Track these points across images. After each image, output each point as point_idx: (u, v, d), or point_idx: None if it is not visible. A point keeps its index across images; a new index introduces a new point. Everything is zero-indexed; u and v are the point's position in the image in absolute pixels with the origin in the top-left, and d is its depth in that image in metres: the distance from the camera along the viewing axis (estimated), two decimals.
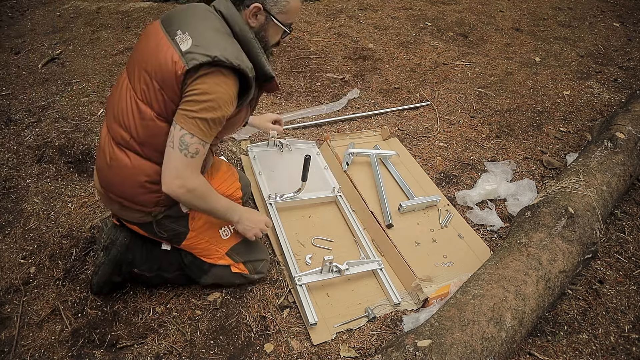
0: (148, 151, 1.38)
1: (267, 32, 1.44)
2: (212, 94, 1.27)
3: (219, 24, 1.35)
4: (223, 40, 1.30)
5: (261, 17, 1.40)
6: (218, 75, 1.27)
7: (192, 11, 1.40)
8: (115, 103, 1.43)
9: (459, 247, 1.95)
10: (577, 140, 2.67)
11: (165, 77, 1.28)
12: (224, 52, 1.26)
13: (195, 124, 1.29)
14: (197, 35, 1.29)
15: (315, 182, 2.16)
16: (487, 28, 4.13)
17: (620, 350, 1.58)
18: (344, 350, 1.53)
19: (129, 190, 1.42)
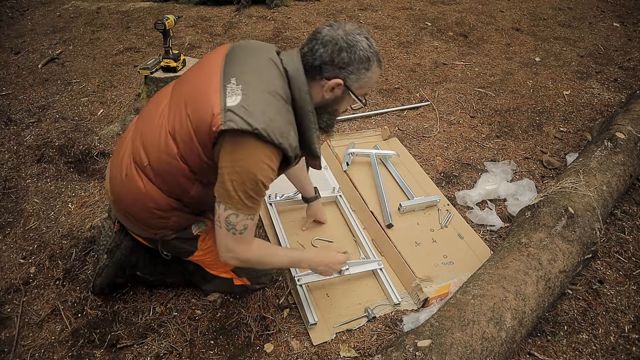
0: (161, 183, 1.31)
1: (340, 105, 1.32)
2: (250, 166, 1.16)
3: (280, 84, 1.22)
4: (274, 109, 1.17)
5: (338, 90, 1.27)
6: (257, 145, 1.15)
7: (258, 59, 1.26)
8: (148, 120, 1.33)
9: (459, 247, 1.95)
10: (577, 140, 2.67)
11: (200, 125, 1.18)
12: (269, 125, 1.14)
13: (239, 201, 1.19)
14: (249, 94, 1.16)
15: (315, 182, 2.15)
16: (487, 28, 4.13)
17: (620, 350, 1.58)
18: (344, 350, 1.53)
19: (137, 211, 1.37)
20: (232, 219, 1.23)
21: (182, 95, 1.27)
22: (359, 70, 1.24)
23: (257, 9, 4.30)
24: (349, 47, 1.22)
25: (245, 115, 1.12)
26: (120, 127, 2.55)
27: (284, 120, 1.20)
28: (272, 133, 1.14)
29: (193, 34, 3.75)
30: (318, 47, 1.23)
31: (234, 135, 1.14)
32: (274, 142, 1.15)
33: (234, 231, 1.24)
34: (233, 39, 3.68)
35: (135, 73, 3.13)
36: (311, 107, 1.25)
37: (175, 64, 2.43)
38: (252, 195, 1.20)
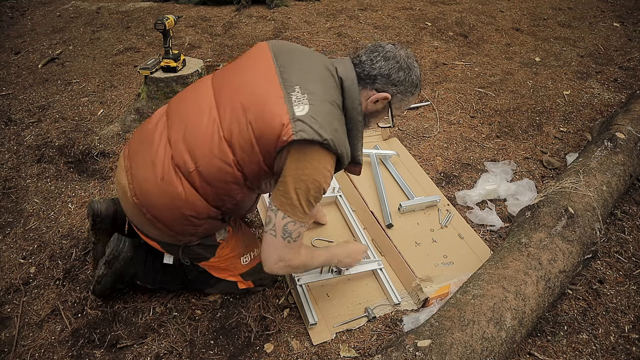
0: (207, 189, 1.27)
1: (375, 118, 1.38)
2: (316, 175, 1.19)
3: (336, 94, 1.26)
4: (337, 120, 1.22)
5: (380, 105, 1.33)
6: (323, 154, 1.19)
7: (315, 67, 1.27)
8: (190, 121, 1.27)
9: (459, 247, 1.95)
10: (577, 140, 2.67)
11: (266, 133, 1.17)
12: (335, 135, 1.18)
13: (300, 209, 1.21)
14: (315, 104, 1.18)
15: None
16: (487, 28, 4.13)
17: (620, 350, 1.58)
18: (344, 350, 1.53)
19: (170, 217, 1.31)
20: (290, 226, 1.23)
21: (237, 98, 1.23)
22: (406, 91, 1.32)
23: (257, 9, 4.30)
24: (407, 68, 1.30)
25: (316, 125, 1.15)
26: (120, 127, 2.55)
27: (343, 130, 1.24)
28: (337, 143, 1.18)
29: (193, 34, 3.75)
30: (379, 59, 1.29)
31: (302, 144, 1.16)
32: (337, 151, 1.19)
33: (290, 239, 1.25)
34: (233, 39, 3.68)
35: (135, 73, 3.13)
36: (361, 117, 1.29)
37: (175, 64, 2.43)
38: (313, 202, 1.23)
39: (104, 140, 2.47)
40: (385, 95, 1.30)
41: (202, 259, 1.52)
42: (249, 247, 1.59)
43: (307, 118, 1.14)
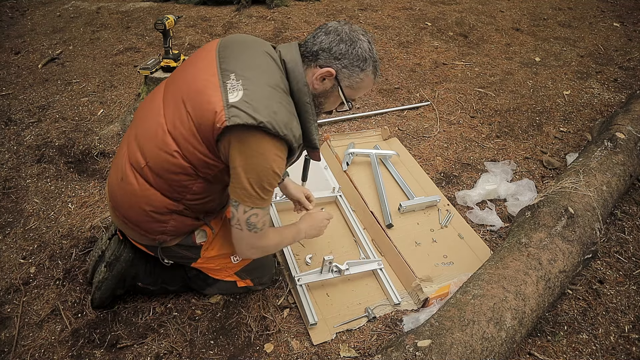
0: (160, 183, 1.29)
1: (326, 99, 1.32)
2: (264, 161, 1.18)
3: (279, 77, 1.23)
4: (277, 102, 1.18)
5: (328, 83, 1.27)
6: (265, 138, 1.16)
7: (254, 53, 1.26)
8: (142, 121, 1.33)
9: (459, 247, 1.95)
10: (577, 140, 2.67)
11: (202, 122, 1.18)
12: (273, 117, 1.14)
13: (257, 197, 1.22)
14: (250, 89, 1.16)
15: (315, 182, 2.16)
16: (487, 28, 4.13)
17: (620, 350, 1.58)
18: (344, 350, 1.53)
19: (134, 215, 1.36)
20: (253, 219, 1.26)
21: (179, 93, 1.26)
22: (352, 66, 1.25)
23: (257, 9, 4.30)
24: (350, 40, 1.24)
25: (249, 109, 1.12)
26: (120, 127, 2.55)
27: (287, 112, 1.20)
28: (277, 125, 1.14)
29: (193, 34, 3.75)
30: (321, 34, 1.25)
31: (240, 131, 1.14)
32: (279, 134, 1.15)
33: (256, 230, 1.28)
34: None
35: (135, 73, 3.13)
36: (309, 98, 1.25)
37: (175, 64, 2.43)
38: (268, 188, 1.22)
39: (104, 140, 2.47)
40: (328, 70, 1.24)
41: (190, 260, 1.52)
42: None
43: (241, 103, 1.13)
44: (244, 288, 1.65)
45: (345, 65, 1.24)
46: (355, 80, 1.28)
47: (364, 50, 1.25)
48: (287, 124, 1.18)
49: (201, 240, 1.47)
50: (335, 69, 1.25)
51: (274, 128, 1.14)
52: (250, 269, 1.61)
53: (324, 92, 1.30)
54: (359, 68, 1.26)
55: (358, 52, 1.24)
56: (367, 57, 1.26)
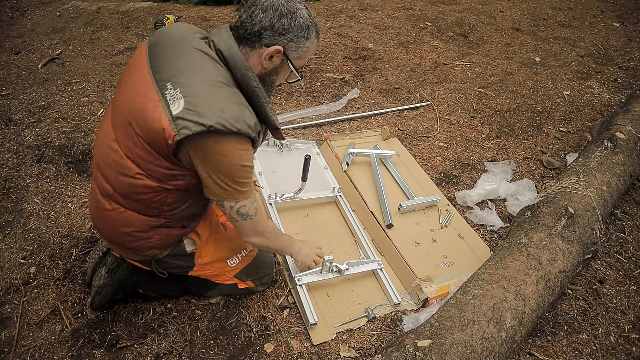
0: (133, 205, 1.28)
1: (277, 75, 1.28)
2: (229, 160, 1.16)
3: (216, 71, 1.17)
4: (220, 99, 1.13)
5: (277, 60, 1.23)
6: (221, 139, 1.13)
7: (185, 54, 1.19)
8: (98, 148, 1.30)
9: (459, 247, 1.95)
10: (577, 140, 2.67)
11: (154, 141, 1.14)
12: (221, 116, 1.09)
13: (237, 192, 1.23)
14: (190, 94, 1.11)
15: (315, 182, 2.16)
16: (487, 28, 4.13)
17: (620, 350, 1.58)
18: (344, 350, 1.53)
19: (117, 238, 1.36)
20: (243, 210, 1.28)
21: (123, 114, 1.21)
22: (298, 38, 1.22)
23: None
24: (289, 13, 1.19)
25: (195, 116, 1.09)
26: None
27: (235, 104, 1.15)
28: (227, 123, 1.10)
29: None
30: (257, 12, 1.18)
31: (193, 140, 1.11)
32: (232, 131, 1.11)
33: (251, 217, 1.31)
34: None
35: None
36: (256, 82, 1.20)
37: None
38: (243, 180, 1.23)
39: None
40: (276, 49, 1.20)
41: (185, 269, 1.50)
42: (236, 248, 1.57)
43: (184, 113, 1.09)
44: (245, 289, 1.65)
45: (291, 39, 1.21)
46: (302, 50, 1.25)
47: (304, 19, 1.21)
48: (239, 118, 1.13)
49: (191, 248, 1.45)
50: (282, 45, 1.20)
51: (225, 127, 1.10)
52: (250, 271, 1.61)
53: (274, 69, 1.26)
54: (304, 38, 1.23)
55: (300, 22, 1.20)
56: (309, 25, 1.22)
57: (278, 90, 3.01)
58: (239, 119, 1.13)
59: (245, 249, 1.58)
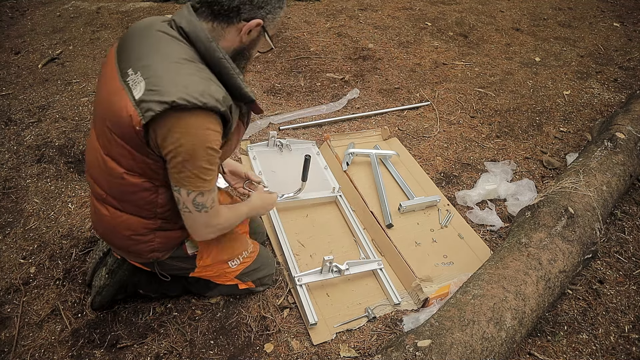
0: (126, 207, 1.27)
1: (254, 49, 1.25)
2: (193, 140, 1.09)
3: (178, 49, 1.13)
4: (184, 74, 1.09)
5: (254, 33, 1.19)
6: (185, 116, 1.07)
7: (146, 36, 1.17)
8: (87, 153, 1.31)
9: (459, 247, 1.95)
10: (577, 140, 2.67)
11: (125, 132, 1.12)
12: (185, 91, 1.05)
13: (198, 179, 1.15)
14: (150, 75, 1.09)
15: (315, 182, 2.16)
16: (487, 28, 4.13)
17: (620, 350, 1.58)
18: (344, 350, 1.53)
19: (119, 241, 1.36)
20: (199, 199, 1.19)
21: (98, 112, 1.22)
22: (275, 9, 1.19)
23: None
24: None
25: (157, 96, 1.06)
26: None
27: (199, 79, 1.11)
28: (191, 98, 1.06)
29: None
30: None
31: (158, 120, 1.08)
32: (198, 105, 1.07)
33: (205, 209, 1.22)
34: None
35: None
36: (221, 53, 1.16)
37: None
38: (207, 166, 1.15)
39: None
40: (257, 22, 1.16)
41: (187, 271, 1.50)
42: (237, 250, 1.56)
43: (146, 94, 1.07)
44: (246, 290, 1.65)
45: (269, 10, 1.18)
46: (277, 20, 1.23)
47: None
48: (204, 92, 1.08)
49: (192, 250, 1.45)
50: (262, 18, 1.17)
51: (189, 102, 1.05)
52: (251, 272, 1.61)
53: (252, 42, 1.22)
54: (279, 8, 1.21)
55: None
56: None
57: (278, 90, 3.01)
58: (204, 93, 1.08)
59: (246, 251, 1.58)
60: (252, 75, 3.15)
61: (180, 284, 1.63)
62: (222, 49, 1.16)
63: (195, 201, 1.19)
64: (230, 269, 1.55)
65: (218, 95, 1.11)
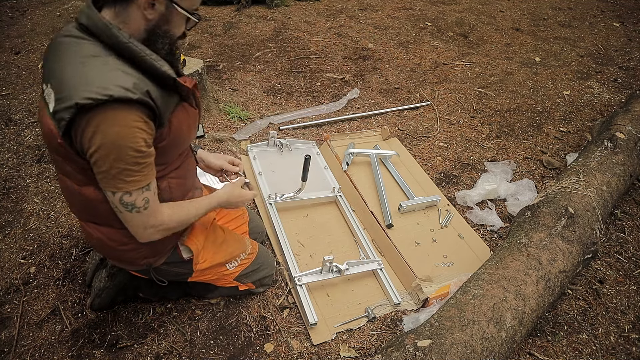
0: (99, 220, 1.25)
1: (169, 24, 1.12)
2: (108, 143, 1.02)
3: (83, 47, 1.06)
4: (87, 72, 1.02)
5: (160, 6, 1.07)
6: (93, 116, 1.00)
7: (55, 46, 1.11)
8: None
9: (459, 247, 1.95)
10: (577, 140, 2.67)
11: (56, 147, 1.09)
12: (87, 89, 0.99)
13: (121, 180, 1.08)
14: (56, 84, 1.04)
15: (315, 182, 2.16)
16: (487, 28, 4.13)
17: (620, 350, 1.58)
18: (344, 350, 1.53)
19: (109, 253, 1.35)
20: (127, 199, 1.11)
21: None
22: None
23: (257, 9, 4.30)
24: None
25: (64, 102, 1.00)
26: None
27: (101, 72, 1.03)
28: (94, 94, 0.98)
29: (193, 34, 3.75)
30: None
31: (73, 127, 1.03)
32: (104, 100, 0.99)
33: (137, 209, 1.14)
34: (233, 39, 3.68)
35: None
36: (125, 38, 1.06)
37: None
38: (127, 166, 1.06)
39: None
40: None
41: (184, 276, 1.49)
42: (234, 252, 1.55)
43: (57, 104, 1.02)
44: (246, 291, 1.65)
45: None
46: None
47: None
48: (107, 85, 1.00)
49: (187, 255, 1.42)
50: None
51: (93, 99, 0.98)
52: (250, 273, 1.61)
53: (162, 17, 1.10)
54: None
55: None
56: None
57: (278, 90, 3.01)
58: (109, 85, 1.00)
59: (244, 252, 1.58)
60: (252, 75, 3.15)
61: (180, 288, 1.63)
62: (125, 33, 1.06)
63: (123, 201, 1.12)
64: (229, 271, 1.54)
65: (126, 84, 1.02)
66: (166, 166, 1.24)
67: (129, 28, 1.08)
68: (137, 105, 1.04)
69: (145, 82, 1.07)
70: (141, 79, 1.06)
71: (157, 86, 1.09)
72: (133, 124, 1.04)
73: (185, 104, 1.21)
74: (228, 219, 1.67)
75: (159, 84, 1.10)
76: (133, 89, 1.02)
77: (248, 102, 2.83)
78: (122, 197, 1.11)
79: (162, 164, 1.22)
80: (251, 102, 2.84)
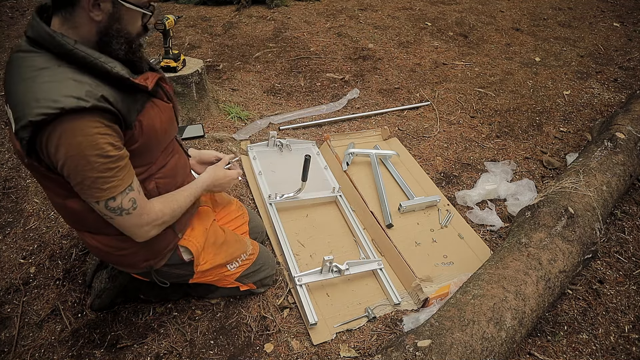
0: (92, 228, 1.24)
1: (120, 23, 1.07)
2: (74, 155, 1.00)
3: (34, 60, 1.03)
4: (37, 88, 0.99)
5: (106, 5, 1.02)
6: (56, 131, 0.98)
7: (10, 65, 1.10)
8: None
9: (459, 247, 1.95)
10: (577, 140, 2.67)
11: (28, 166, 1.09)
12: (37, 105, 0.96)
13: (98, 189, 1.06)
14: (12, 104, 1.02)
15: (315, 182, 2.16)
16: (487, 28, 4.13)
17: (620, 350, 1.58)
18: (344, 350, 1.53)
19: (111, 259, 1.35)
20: (112, 204, 1.09)
21: None
22: None
23: (257, 9, 4.30)
24: None
25: (21, 121, 0.98)
26: None
27: (50, 85, 1.00)
28: (45, 109, 0.96)
29: (193, 34, 3.75)
30: None
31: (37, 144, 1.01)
32: (54, 114, 0.96)
33: (126, 212, 1.12)
34: (233, 39, 3.68)
35: None
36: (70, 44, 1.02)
37: (175, 64, 2.43)
38: (99, 175, 1.04)
39: None
40: None
41: (186, 278, 1.48)
42: (234, 253, 1.55)
43: (16, 124, 1.00)
44: (247, 291, 1.65)
45: None
46: None
47: None
48: (58, 96, 0.97)
49: (188, 256, 1.41)
50: None
51: (45, 114, 0.95)
52: (251, 273, 1.61)
53: (111, 17, 1.05)
54: None
55: None
56: None
57: (278, 90, 3.01)
58: (59, 97, 0.97)
59: (245, 253, 1.58)
60: (252, 75, 3.15)
61: (181, 289, 1.63)
62: (70, 40, 1.02)
63: (109, 207, 1.10)
64: (230, 272, 1.54)
65: (78, 92, 0.99)
66: (150, 166, 1.22)
67: (79, 33, 1.04)
68: (93, 112, 1.00)
69: (100, 86, 1.03)
70: (96, 84, 1.02)
71: (114, 88, 1.05)
72: (93, 132, 1.00)
73: (155, 99, 1.18)
74: (228, 219, 1.68)
75: (116, 86, 1.06)
76: (85, 97, 0.99)
77: (248, 102, 2.83)
78: (107, 203, 1.09)
79: (145, 165, 1.20)
80: (251, 102, 2.84)
